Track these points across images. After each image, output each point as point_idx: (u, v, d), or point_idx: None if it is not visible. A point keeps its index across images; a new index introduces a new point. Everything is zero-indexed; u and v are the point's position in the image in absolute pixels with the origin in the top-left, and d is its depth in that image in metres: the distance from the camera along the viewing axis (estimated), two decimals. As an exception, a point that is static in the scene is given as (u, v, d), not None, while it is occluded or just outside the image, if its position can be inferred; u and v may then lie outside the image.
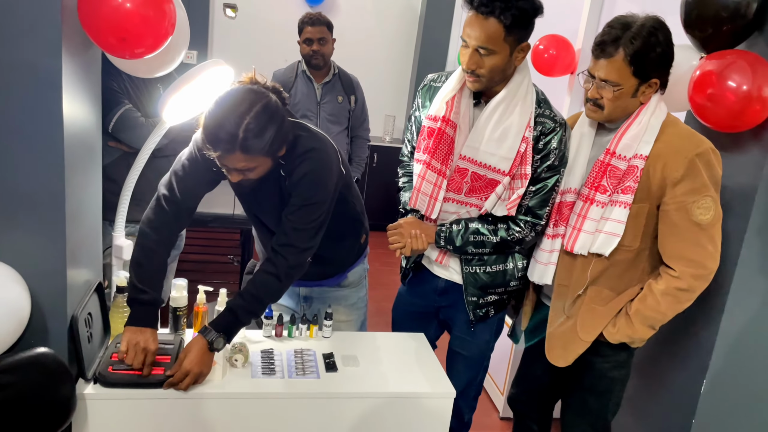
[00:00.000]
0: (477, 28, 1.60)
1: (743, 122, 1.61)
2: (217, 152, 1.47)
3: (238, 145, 1.45)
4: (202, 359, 1.56)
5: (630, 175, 1.59)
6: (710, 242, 1.57)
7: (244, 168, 1.52)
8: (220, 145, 1.46)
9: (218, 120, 1.46)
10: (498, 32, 1.59)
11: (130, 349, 1.54)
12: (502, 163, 1.71)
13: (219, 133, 1.45)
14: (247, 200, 1.81)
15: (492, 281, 1.86)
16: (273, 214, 1.73)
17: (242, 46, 5.06)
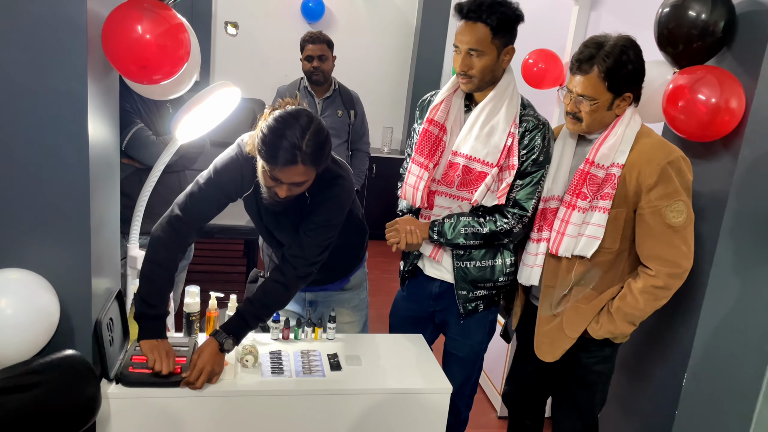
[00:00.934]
0: (467, 33, 1.81)
1: (713, 132, 1.74)
2: (278, 164, 1.55)
3: (301, 157, 1.54)
4: (214, 359, 1.69)
5: (608, 182, 1.72)
6: (683, 243, 1.70)
7: (299, 181, 1.60)
8: (284, 156, 1.53)
9: (281, 132, 1.54)
10: (486, 35, 1.80)
11: (156, 357, 1.66)
12: (490, 156, 1.87)
13: (283, 144, 1.53)
14: (267, 219, 1.90)
15: (481, 276, 2.00)
16: (289, 230, 1.84)
17: (244, 63, 5.22)
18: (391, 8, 5.37)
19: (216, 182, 1.77)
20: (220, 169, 1.78)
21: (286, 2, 5.19)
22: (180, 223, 1.76)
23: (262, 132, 1.59)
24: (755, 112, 1.72)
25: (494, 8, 1.79)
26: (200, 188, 1.78)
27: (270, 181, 1.63)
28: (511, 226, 1.91)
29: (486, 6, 1.79)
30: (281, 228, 1.90)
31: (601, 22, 3.08)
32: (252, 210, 1.92)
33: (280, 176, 1.59)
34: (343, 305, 2.12)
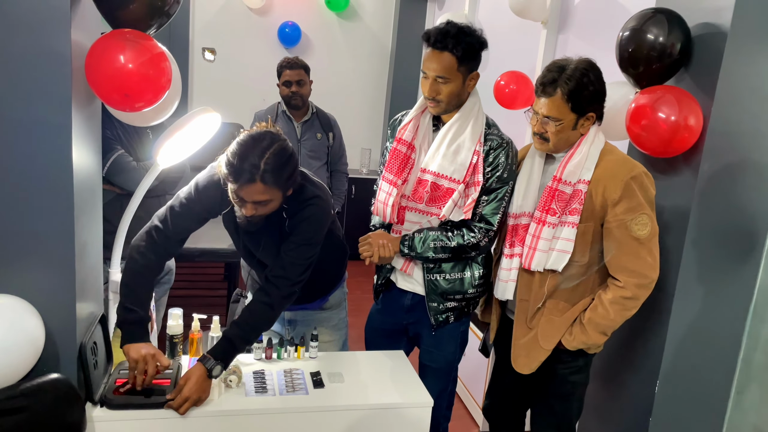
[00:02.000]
0: (434, 61, 1.91)
1: (674, 148, 1.84)
2: (238, 183, 1.63)
3: (259, 175, 1.62)
4: (201, 386, 1.70)
5: (575, 198, 1.80)
6: (649, 254, 1.78)
7: (260, 200, 1.67)
8: (243, 175, 1.62)
9: (242, 153, 1.63)
10: (452, 63, 1.90)
11: (140, 361, 1.68)
12: (457, 173, 1.97)
13: (243, 165, 1.62)
14: (245, 238, 1.96)
15: (451, 288, 2.07)
16: (269, 251, 1.90)
17: (221, 88, 5.27)
18: (367, 33, 5.49)
19: (197, 198, 1.84)
20: (201, 187, 1.85)
21: (263, 28, 5.27)
22: (159, 233, 1.83)
23: (227, 154, 1.67)
24: (712, 129, 1.81)
25: (460, 38, 1.89)
26: (181, 203, 1.84)
27: (236, 201, 1.71)
28: (478, 239, 2.00)
29: (452, 36, 1.89)
30: (261, 248, 1.94)
31: (569, 44, 3.19)
32: (230, 229, 1.98)
33: (242, 195, 1.67)
34: (322, 324, 2.16)
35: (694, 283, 1.93)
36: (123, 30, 1.53)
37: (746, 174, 1.88)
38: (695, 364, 2.00)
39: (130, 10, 1.53)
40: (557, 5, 3.24)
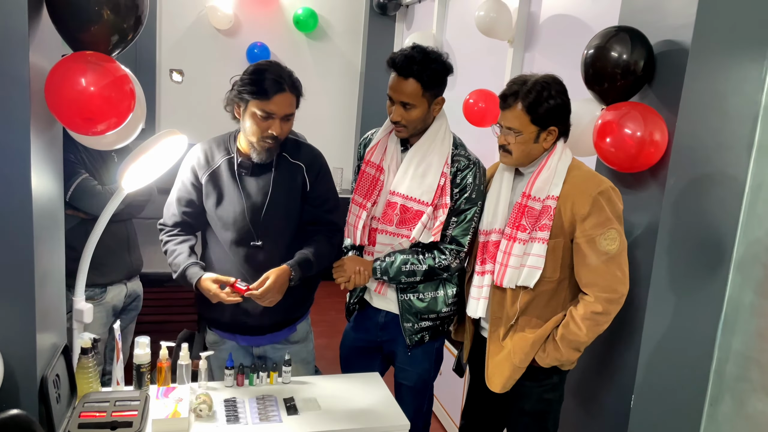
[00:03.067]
0: (399, 87, 1.92)
1: (640, 163, 1.86)
2: (269, 95, 1.82)
3: (286, 84, 1.84)
4: (282, 286, 1.89)
5: (545, 214, 1.80)
6: (618, 269, 1.78)
7: (289, 113, 1.87)
8: (272, 87, 1.82)
9: (261, 70, 1.85)
10: (417, 90, 1.91)
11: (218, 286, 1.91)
12: (425, 195, 1.97)
13: (267, 77, 1.82)
14: (251, 190, 1.98)
15: (425, 307, 2.06)
16: (280, 199, 1.97)
17: (190, 110, 5.22)
18: (336, 53, 5.51)
19: (182, 171, 2.04)
20: (181, 167, 2.04)
21: (232, 49, 5.25)
22: (180, 226, 2.05)
23: (242, 80, 1.86)
24: (677, 144, 1.84)
25: (425, 65, 1.90)
26: (172, 192, 2.05)
27: (262, 123, 1.85)
28: (449, 261, 2.00)
29: (417, 62, 1.90)
30: (270, 196, 1.96)
31: (535, 62, 3.24)
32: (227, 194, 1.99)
33: (273, 109, 1.83)
34: (292, 360, 2.11)
35: (665, 297, 1.94)
36: (84, 52, 1.49)
37: (711, 187, 1.92)
38: (669, 377, 2.02)
39: (91, 31, 1.49)
40: (523, 24, 3.29)
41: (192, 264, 1.97)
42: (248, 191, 1.99)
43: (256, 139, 1.90)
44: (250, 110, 1.87)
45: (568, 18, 2.97)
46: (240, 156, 1.99)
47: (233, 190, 1.99)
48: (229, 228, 1.99)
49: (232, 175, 1.99)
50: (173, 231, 2.06)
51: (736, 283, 1.96)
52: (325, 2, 5.38)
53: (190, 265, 1.97)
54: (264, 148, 1.91)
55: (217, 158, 2.02)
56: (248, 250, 2.00)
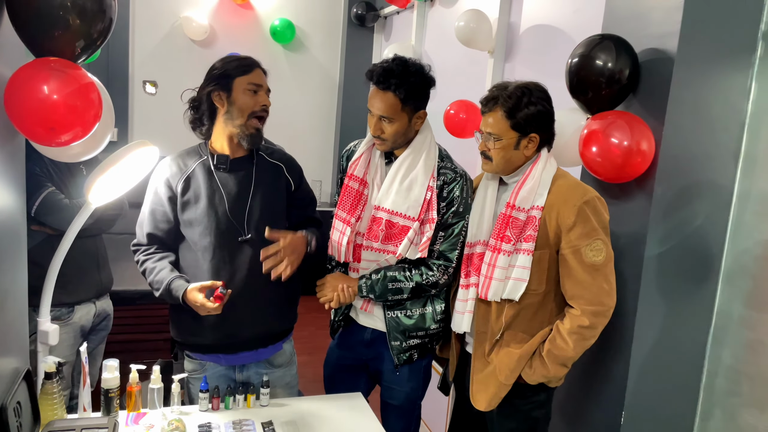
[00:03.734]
0: (378, 100, 1.87)
1: (627, 173, 1.82)
2: (252, 69, 1.92)
3: (257, 62, 1.96)
4: (301, 247, 1.90)
5: (530, 224, 1.75)
6: (605, 281, 1.73)
7: (268, 88, 1.96)
8: (249, 61, 1.94)
9: (232, 55, 1.95)
10: (395, 104, 1.85)
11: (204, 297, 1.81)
12: (411, 210, 1.90)
13: (242, 57, 1.94)
14: (232, 187, 1.94)
15: (413, 325, 1.99)
16: (263, 197, 1.95)
17: (164, 122, 5.06)
18: (314, 64, 5.45)
19: (154, 186, 1.96)
20: (152, 181, 1.98)
21: (207, 60, 5.10)
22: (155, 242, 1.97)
23: (221, 64, 1.95)
24: (664, 153, 1.81)
25: (403, 78, 1.85)
26: (145, 208, 1.98)
27: (254, 96, 1.90)
28: (437, 278, 1.94)
29: (395, 75, 1.85)
30: (252, 191, 1.94)
31: (516, 72, 3.21)
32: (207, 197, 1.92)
33: (259, 80, 1.92)
34: (275, 385, 2.03)
35: (654, 310, 1.90)
36: (48, 58, 1.41)
37: (699, 197, 1.89)
38: (659, 392, 1.97)
39: (55, 37, 1.40)
40: (503, 35, 3.26)
41: (176, 278, 1.89)
42: (229, 187, 1.94)
43: (247, 117, 1.90)
44: (240, 88, 1.89)
45: (548, 28, 2.96)
46: (215, 155, 1.96)
47: (212, 189, 1.92)
48: (210, 231, 1.90)
49: (208, 175, 1.94)
50: (149, 249, 1.98)
51: (725, 294, 1.92)
52: (302, 13, 5.33)
53: (174, 278, 1.89)
54: (254, 128, 1.92)
55: (190, 164, 1.96)
56: (235, 248, 1.91)
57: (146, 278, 1.95)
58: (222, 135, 1.94)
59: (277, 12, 5.24)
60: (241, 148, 1.95)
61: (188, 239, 1.95)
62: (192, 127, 2.01)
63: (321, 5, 5.39)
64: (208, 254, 1.91)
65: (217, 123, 1.96)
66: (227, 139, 1.93)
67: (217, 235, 1.91)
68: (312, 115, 5.53)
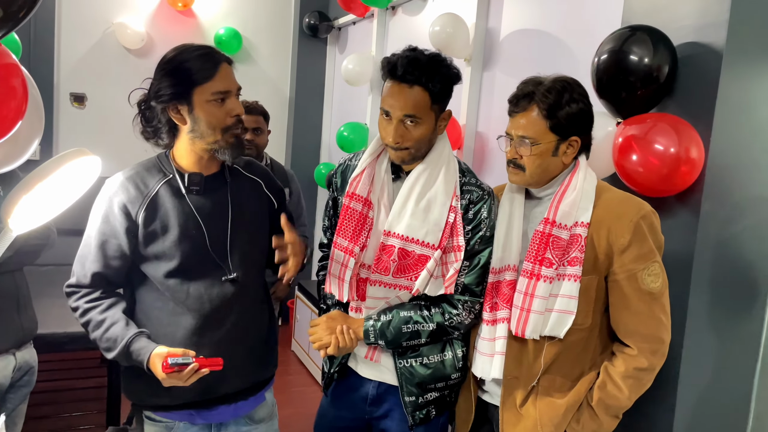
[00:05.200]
0: (402, 98, 1.52)
1: (673, 185, 1.57)
2: (217, 69, 1.49)
3: (224, 57, 1.53)
4: (302, 255, 1.55)
5: (574, 244, 1.46)
6: (662, 312, 1.46)
7: (239, 87, 1.55)
8: (216, 57, 1.50)
9: (190, 47, 1.51)
10: (425, 100, 1.53)
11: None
12: (430, 236, 1.58)
13: (206, 51, 1.50)
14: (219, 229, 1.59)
15: (431, 375, 1.65)
16: (250, 218, 1.64)
17: (94, 137, 4.56)
18: (263, 77, 5.07)
19: (103, 212, 1.53)
20: (106, 205, 1.54)
21: (144, 70, 4.55)
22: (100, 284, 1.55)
23: (167, 74, 1.50)
24: (712, 163, 1.57)
25: (434, 69, 1.53)
26: (90, 239, 1.54)
27: (221, 107, 1.50)
28: (463, 318, 1.60)
29: (425, 66, 1.52)
30: (236, 215, 1.61)
31: (496, 81, 2.97)
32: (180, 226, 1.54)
33: (225, 85, 1.50)
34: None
35: (701, 347, 1.65)
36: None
37: (748, 213, 1.65)
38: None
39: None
40: (480, 41, 3.03)
41: (136, 335, 1.50)
42: (204, 212, 1.56)
43: (221, 133, 1.51)
44: (200, 101, 1.49)
45: (532, 33, 2.73)
46: (185, 174, 1.57)
47: (183, 215, 1.54)
48: (185, 268, 1.53)
49: (178, 198, 1.55)
50: (93, 293, 1.54)
51: (776, 325, 1.69)
52: (250, 22, 4.95)
53: (134, 337, 1.49)
54: (232, 138, 1.53)
55: (151, 183, 1.56)
56: (216, 288, 1.56)
57: (90, 333, 1.53)
58: (189, 151, 1.56)
59: (222, 20, 4.84)
60: (213, 163, 1.60)
61: (152, 278, 1.55)
62: (144, 137, 1.61)
63: (270, 14, 5.04)
64: (180, 295, 1.53)
65: (179, 139, 1.57)
66: (196, 156, 1.57)
67: (194, 272, 1.53)
68: (260, 132, 5.13)
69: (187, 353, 1.43)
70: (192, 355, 1.43)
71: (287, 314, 4.55)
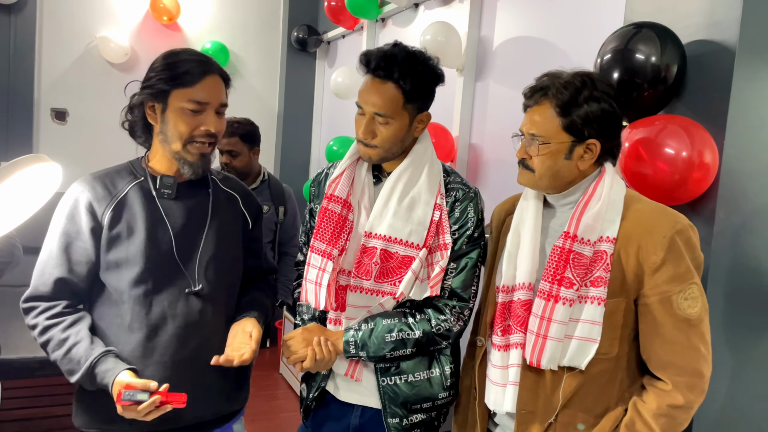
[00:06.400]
0: (374, 93, 1.45)
1: (685, 192, 1.45)
2: (198, 79, 1.40)
3: (214, 66, 1.44)
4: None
5: (598, 262, 1.29)
6: (701, 341, 1.28)
7: (224, 102, 1.46)
8: (199, 67, 1.41)
9: (176, 54, 1.43)
10: (396, 98, 1.45)
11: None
12: (414, 236, 1.49)
13: (189, 60, 1.41)
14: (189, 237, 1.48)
15: (416, 394, 1.52)
16: (220, 229, 1.52)
17: (76, 152, 4.40)
18: (250, 92, 4.95)
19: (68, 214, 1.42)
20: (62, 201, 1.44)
21: (129, 85, 4.57)
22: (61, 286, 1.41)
23: (155, 72, 1.41)
24: (726, 168, 1.46)
25: (410, 66, 1.44)
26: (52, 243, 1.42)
27: (193, 118, 1.40)
28: (451, 324, 1.49)
29: (400, 62, 1.44)
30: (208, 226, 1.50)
31: (489, 91, 2.87)
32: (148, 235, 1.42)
33: (203, 96, 1.40)
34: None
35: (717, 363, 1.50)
36: None
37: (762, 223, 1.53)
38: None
39: None
40: (473, 51, 2.93)
41: (103, 355, 1.36)
42: (175, 218, 1.45)
43: (184, 144, 1.41)
44: (174, 105, 1.40)
45: (527, 40, 2.64)
46: (157, 177, 1.47)
47: (152, 219, 1.42)
48: (148, 276, 1.40)
49: (148, 201, 1.44)
50: (54, 308, 1.40)
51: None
52: (237, 36, 4.85)
53: (100, 357, 1.35)
54: (198, 153, 1.43)
55: (120, 185, 1.45)
56: (178, 301, 1.43)
57: (50, 353, 1.38)
58: (163, 154, 1.47)
59: (208, 34, 4.74)
60: None
61: (110, 288, 1.42)
62: (129, 132, 1.52)
63: (258, 28, 4.94)
64: (141, 308, 1.40)
65: (154, 140, 1.48)
66: (169, 160, 1.47)
67: (158, 281, 1.40)
68: (248, 149, 5.01)
69: (147, 386, 1.29)
70: (153, 387, 1.28)
71: (275, 336, 4.38)
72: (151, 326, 1.41)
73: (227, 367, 1.39)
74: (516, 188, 1.49)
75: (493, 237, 1.54)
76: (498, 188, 2.73)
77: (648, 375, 1.33)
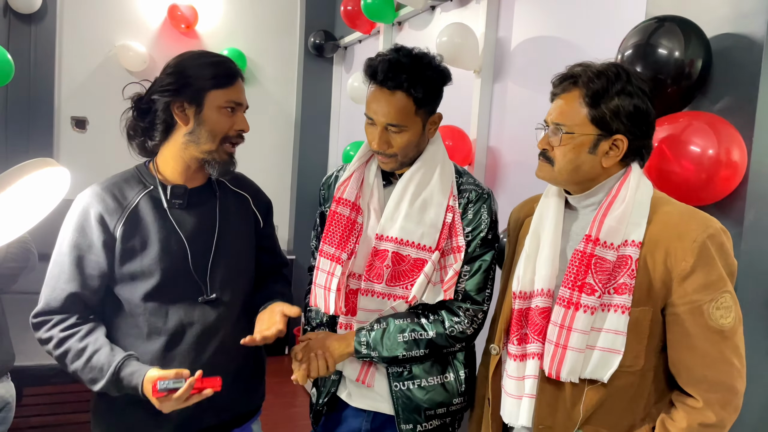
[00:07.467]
0: (384, 104, 1.42)
1: (713, 192, 1.39)
2: (231, 82, 1.42)
3: (238, 69, 1.47)
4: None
5: (622, 268, 1.21)
6: (735, 354, 1.19)
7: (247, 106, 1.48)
8: (230, 68, 1.44)
9: (202, 55, 1.44)
10: (408, 107, 1.42)
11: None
12: (427, 238, 1.46)
13: (219, 60, 1.44)
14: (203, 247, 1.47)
15: (430, 400, 1.49)
16: (235, 235, 1.52)
17: (96, 160, 4.44)
18: (268, 99, 4.96)
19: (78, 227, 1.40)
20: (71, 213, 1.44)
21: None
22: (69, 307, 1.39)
23: (189, 65, 1.40)
24: (755, 167, 1.39)
25: (418, 73, 1.42)
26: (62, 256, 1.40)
27: (230, 117, 1.42)
28: (464, 327, 1.46)
29: (407, 70, 1.41)
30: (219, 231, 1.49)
31: (507, 93, 2.82)
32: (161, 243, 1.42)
33: (240, 97, 1.44)
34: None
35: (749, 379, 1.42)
36: None
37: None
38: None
39: None
40: (490, 52, 2.88)
41: (126, 359, 1.36)
42: (188, 229, 1.44)
43: (219, 142, 1.43)
44: (214, 105, 1.40)
45: (546, 40, 2.58)
46: (167, 185, 1.46)
47: (164, 230, 1.42)
48: (163, 288, 1.40)
49: (159, 212, 1.43)
50: (68, 320, 1.39)
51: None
52: (254, 43, 4.87)
53: (123, 361, 1.35)
54: (228, 153, 1.45)
55: (130, 195, 1.44)
56: (193, 311, 1.43)
57: (69, 365, 1.38)
58: (177, 158, 1.45)
59: (225, 41, 4.76)
60: (199, 175, 1.49)
61: (123, 299, 1.42)
62: (130, 136, 1.50)
63: (275, 34, 4.95)
64: (157, 319, 1.40)
65: (170, 142, 1.46)
66: (184, 164, 1.45)
67: (173, 292, 1.41)
68: (266, 155, 5.00)
69: (181, 374, 1.29)
70: (186, 375, 1.29)
71: (293, 343, 4.36)
72: (170, 335, 1.41)
73: (245, 365, 1.45)
74: (537, 192, 1.44)
75: (510, 240, 1.49)
76: (517, 192, 2.67)
77: (677, 390, 1.25)
